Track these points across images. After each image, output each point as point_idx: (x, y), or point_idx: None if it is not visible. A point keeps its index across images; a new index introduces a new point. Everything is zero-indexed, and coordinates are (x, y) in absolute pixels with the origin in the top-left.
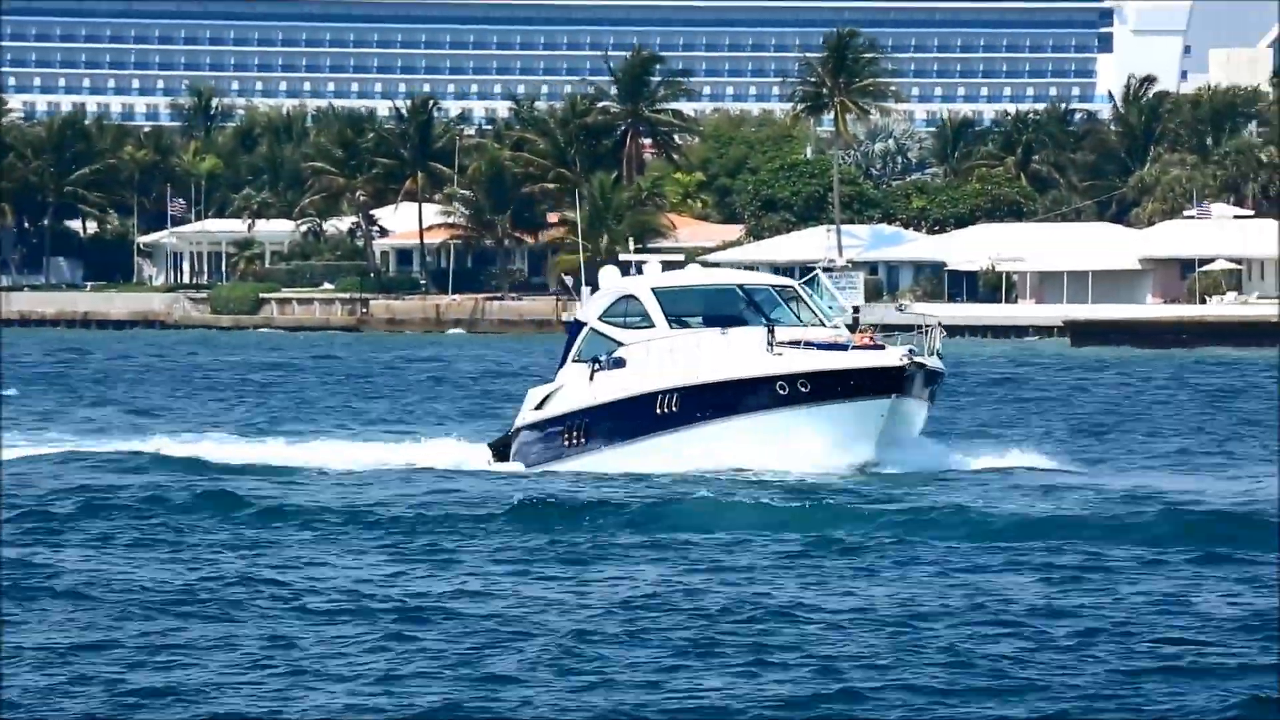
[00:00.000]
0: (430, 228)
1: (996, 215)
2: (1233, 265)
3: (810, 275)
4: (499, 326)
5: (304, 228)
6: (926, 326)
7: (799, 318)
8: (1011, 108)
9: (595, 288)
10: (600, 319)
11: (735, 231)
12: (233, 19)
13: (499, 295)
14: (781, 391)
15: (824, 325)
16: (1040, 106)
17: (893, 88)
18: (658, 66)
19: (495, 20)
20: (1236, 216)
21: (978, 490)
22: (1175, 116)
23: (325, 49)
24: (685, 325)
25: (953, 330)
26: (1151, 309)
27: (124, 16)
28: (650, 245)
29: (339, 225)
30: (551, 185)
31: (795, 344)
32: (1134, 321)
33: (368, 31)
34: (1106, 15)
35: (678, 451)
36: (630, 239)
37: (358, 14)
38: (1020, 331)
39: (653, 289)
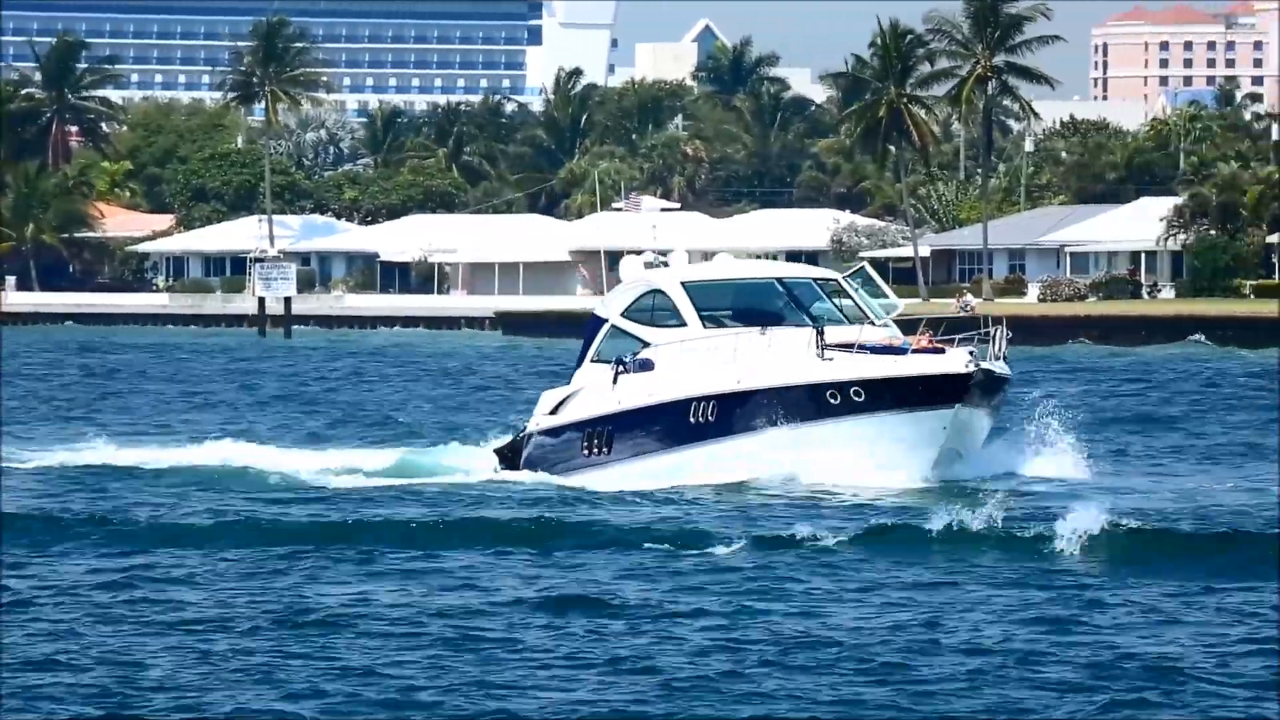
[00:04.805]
0: None
1: (429, 206)
2: (659, 257)
3: (856, 268)
4: None
5: None
6: (991, 327)
7: (843, 313)
8: (443, 99)
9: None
10: (623, 315)
11: (166, 221)
12: None
13: None
14: (832, 400)
15: (872, 322)
16: (472, 98)
17: (324, 77)
18: (84, 53)
19: None
20: (664, 209)
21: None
22: (603, 109)
23: None
24: (719, 323)
25: (389, 321)
26: (581, 299)
27: None
28: (77, 235)
29: None
30: None
31: (847, 346)
32: (563, 312)
33: None
34: (535, 8)
35: (713, 465)
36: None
37: None
38: (453, 323)
39: (682, 283)
